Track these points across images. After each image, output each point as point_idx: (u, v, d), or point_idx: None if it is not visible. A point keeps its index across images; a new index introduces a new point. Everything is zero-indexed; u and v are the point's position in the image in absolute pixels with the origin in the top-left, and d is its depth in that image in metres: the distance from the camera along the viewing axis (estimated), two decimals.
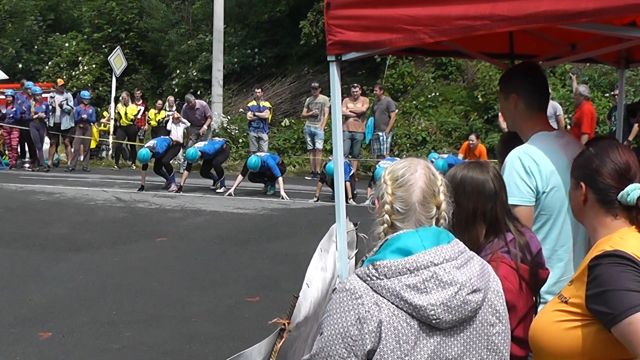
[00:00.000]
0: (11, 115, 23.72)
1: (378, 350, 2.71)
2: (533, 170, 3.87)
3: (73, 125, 23.88)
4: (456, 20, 3.44)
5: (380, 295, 2.74)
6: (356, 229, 4.40)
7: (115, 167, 24.34)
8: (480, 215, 3.58)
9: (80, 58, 35.30)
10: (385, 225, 2.89)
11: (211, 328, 8.88)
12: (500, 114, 19.35)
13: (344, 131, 20.27)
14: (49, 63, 36.24)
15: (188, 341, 8.56)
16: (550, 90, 4.77)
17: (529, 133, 4.10)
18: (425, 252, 2.79)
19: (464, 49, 4.96)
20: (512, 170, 3.89)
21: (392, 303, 2.73)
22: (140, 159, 19.06)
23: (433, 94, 25.41)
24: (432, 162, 10.13)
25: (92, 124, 23.93)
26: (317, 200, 16.52)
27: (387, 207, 2.89)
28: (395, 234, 2.87)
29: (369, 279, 2.78)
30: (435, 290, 2.73)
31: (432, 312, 2.71)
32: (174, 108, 23.56)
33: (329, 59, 3.95)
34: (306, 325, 3.99)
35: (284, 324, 3.76)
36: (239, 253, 12.35)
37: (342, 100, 11.69)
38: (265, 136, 21.92)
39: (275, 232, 13.10)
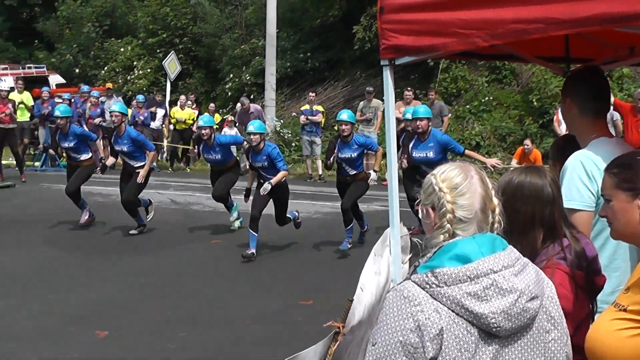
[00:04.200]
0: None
1: (440, 358, 2.68)
2: (595, 175, 3.80)
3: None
4: (510, 23, 3.40)
5: (440, 303, 2.71)
6: (410, 234, 4.39)
7: (170, 169, 24.51)
8: (538, 221, 3.54)
9: (135, 63, 35.60)
10: (447, 234, 2.85)
11: (265, 330, 8.94)
12: (555, 118, 19.25)
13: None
14: (105, 68, 36.58)
15: (242, 343, 8.65)
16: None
17: (588, 138, 4.04)
18: (485, 259, 2.77)
19: (519, 52, 4.89)
20: (574, 174, 3.85)
21: (452, 310, 2.70)
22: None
23: (487, 98, 25.08)
24: None
25: (147, 127, 24.05)
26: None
27: (449, 216, 2.85)
28: (451, 240, 2.84)
29: (427, 286, 2.74)
30: (496, 298, 2.72)
31: (493, 320, 2.70)
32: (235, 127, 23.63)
33: (382, 63, 3.93)
34: (360, 329, 4.00)
35: (339, 327, 3.77)
36: (292, 256, 12.47)
37: (395, 104, 11.61)
38: (318, 140, 21.93)
39: (328, 235, 13.09)
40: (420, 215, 3.02)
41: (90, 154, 15.04)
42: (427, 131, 12.68)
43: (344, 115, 12.76)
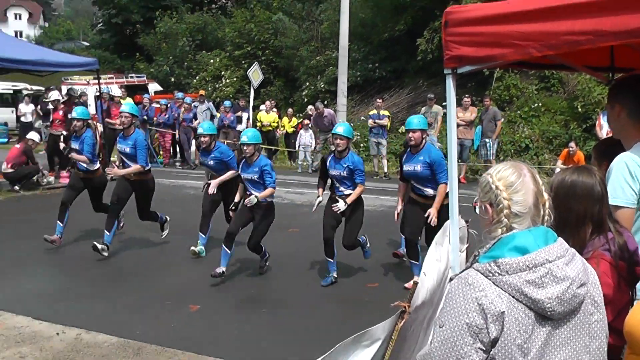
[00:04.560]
0: (163, 121, 24.33)
1: (501, 338, 2.72)
2: (638, 175, 3.79)
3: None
4: (562, 35, 3.40)
5: (502, 289, 2.75)
6: (467, 226, 4.39)
7: None
8: (589, 217, 3.54)
9: (223, 72, 35.97)
10: (505, 228, 2.89)
11: (338, 309, 9.02)
12: (597, 123, 19.02)
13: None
14: (197, 77, 37.05)
15: (318, 320, 8.72)
16: None
17: (632, 142, 3.99)
18: (541, 250, 2.80)
19: (568, 62, 4.84)
20: (619, 174, 3.81)
21: (512, 296, 2.74)
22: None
23: (536, 104, 24.91)
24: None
25: (233, 129, 24.23)
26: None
27: (506, 211, 2.89)
28: (509, 233, 2.88)
29: (490, 274, 2.79)
30: (551, 285, 2.75)
31: (549, 305, 2.73)
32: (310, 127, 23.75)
33: (445, 71, 3.93)
34: (423, 310, 4.02)
35: (405, 307, 3.79)
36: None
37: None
38: (384, 141, 21.84)
39: (392, 227, 13.05)
40: (477, 211, 3.06)
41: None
42: (421, 144, 9.63)
43: (340, 129, 10.01)
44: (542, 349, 2.77)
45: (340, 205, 9.72)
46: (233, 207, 10.76)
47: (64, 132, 20.05)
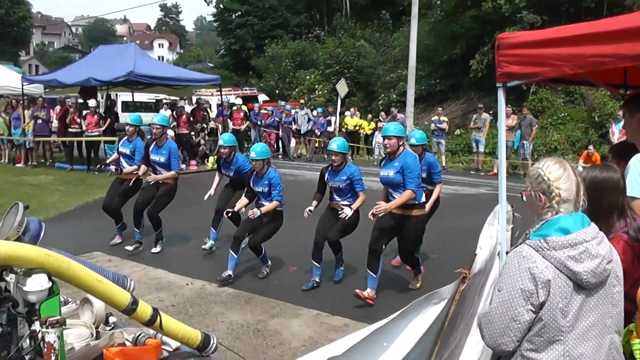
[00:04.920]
0: (270, 123, 24.64)
1: (547, 302, 2.77)
2: None
3: (310, 129, 24.45)
4: (590, 57, 3.40)
5: (549, 262, 2.79)
6: (512, 210, 4.40)
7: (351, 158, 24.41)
8: (615, 207, 3.53)
9: (316, 86, 36.09)
10: (554, 212, 2.91)
11: (409, 274, 8.88)
12: (610, 130, 18.74)
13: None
14: (296, 90, 37.22)
15: (390, 283, 8.67)
16: None
17: None
18: (580, 232, 2.84)
19: (591, 79, 4.82)
20: (635, 171, 3.77)
21: (557, 268, 2.78)
22: None
23: (562, 114, 24.66)
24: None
25: (323, 131, 24.31)
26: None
27: (557, 198, 2.90)
28: (555, 216, 2.90)
29: (540, 249, 2.82)
30: (587, 260, 2.79)
31: (585, 277, 2.77)
32: (385, 121, 23.74)
33: (497, 85, 3.93)
34: (478, 277, 4.03)
35: (466, 273, 3.82)
36: None
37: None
38: (443, 141, 21.79)
39: (447, 210, 12.89)
40: (524, 199, 3.07)
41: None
42: (397, 151, 7.82)
43: (334, 145, 8.46)
44: (577, 312, 2.80)
45: (347, 212, 8.21)
46: (229, 214, 9.27)
47: (186, 131, 20.53)
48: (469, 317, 4.09)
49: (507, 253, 3.18)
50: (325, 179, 8.61)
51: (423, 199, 7.97)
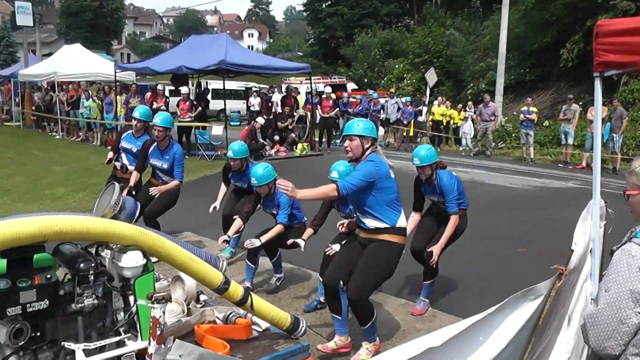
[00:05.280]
0: (358, 112, 24.62)
1: None
2: None
3: (399, 119, 24.26)
4: None
5: None
6: (606, 206, 4.28)
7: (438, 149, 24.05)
8: None
9: (405, 75, 35.89)
10: None
11: (495, 268, 8.70)
12: None
13: (587, 132, 19.46)
14: (384, 78, 37.11)
15: (480, 277, 8.39)
16: None
17: None
18: None
19: None
20: None
21: None
22: None
23: None
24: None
25: (410, 120, 24.10)
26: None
27: None
28: None
29: None
30: None
31: None
32: (472, 110, 23.41)
33: (594, 75, 3.74)
34: (573, 274, 3.95)
35: (562, 270, 3.74)
36: (510, 215, 12.02)
37: (589, 108, 10.48)
38: (532, 132, 21.12)
39: (536, 203, 12.67)
40: (630, 199, 2.98)
41: None
42: (362, 156, 5.55)
43: (334, 173, 6.79)
44: None
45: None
46: (226, 239, 7.67)
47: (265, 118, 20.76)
48: (560, 315, 4.00)
49: (611, 251, 3.08)
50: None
51: (403, 224, 5.65)
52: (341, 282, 5.83)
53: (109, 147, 9.50)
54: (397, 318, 6.85)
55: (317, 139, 22.82)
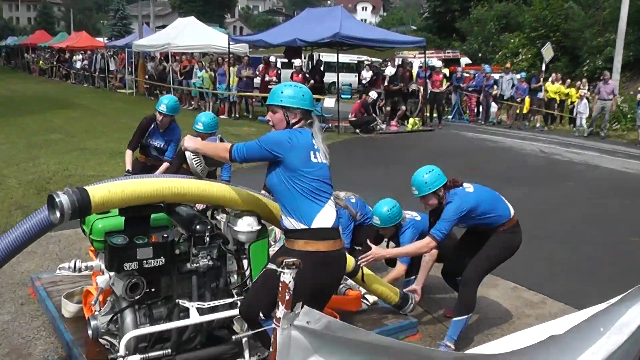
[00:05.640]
0: (471, 87, 24.24)
1: None
2: None
3: (512, 95, 23.43)
4: None
5: None
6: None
7: (545, 128, 23.57)
8: None
9: (520, 50, 34.95)
10: None
11: (604, 255, 8.29)
12: None
13: None
14: (499, 53, 36.29)
15: (588, 263, 8.03)
16: None
17: None
18: None
19: None
20: None
21: None
22: None
23: None
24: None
25: (524, 97, 23.32)
26: None
27: None
28: None
29: None
30: None
31: None
32: (586, 88, 22.50)
33: None
34: None
35: None
36: (624, 202, 11.46)
37: None
38: None
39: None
40: None
41: None
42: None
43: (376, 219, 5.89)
44: None
45: None
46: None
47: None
48: None
49: None
50: None
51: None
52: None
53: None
54: (506, 302, 6.62)
55: (427, 114, 22.66)
